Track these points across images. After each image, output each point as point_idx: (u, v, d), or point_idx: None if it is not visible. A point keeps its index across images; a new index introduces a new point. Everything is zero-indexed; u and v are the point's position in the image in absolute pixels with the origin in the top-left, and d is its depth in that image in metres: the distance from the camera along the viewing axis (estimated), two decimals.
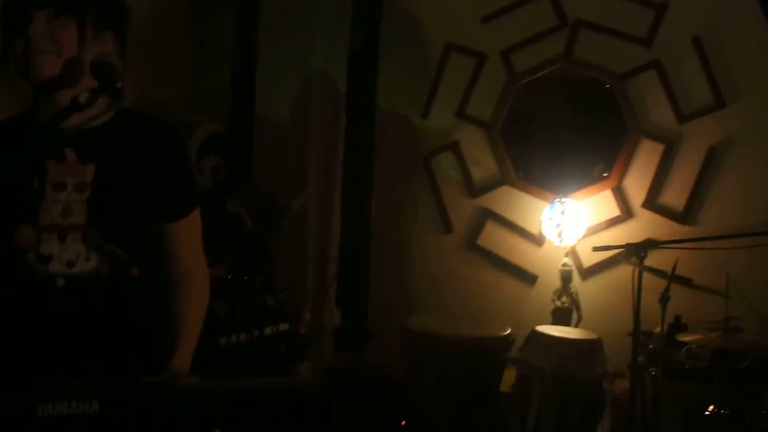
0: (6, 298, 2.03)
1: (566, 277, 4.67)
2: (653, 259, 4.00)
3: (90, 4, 2.03)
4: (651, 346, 4.04)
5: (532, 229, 4.96)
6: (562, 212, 4.64)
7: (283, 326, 4.61)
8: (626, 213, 4.76)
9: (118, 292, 2.06)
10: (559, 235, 4.65)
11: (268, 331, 4.45)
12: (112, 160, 2.05)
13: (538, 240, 4.94)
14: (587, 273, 4.82)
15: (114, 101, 2.04)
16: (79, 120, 1.96)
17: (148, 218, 2.12)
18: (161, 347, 2.21)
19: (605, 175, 4.81)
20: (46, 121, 2.02)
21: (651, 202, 4.71)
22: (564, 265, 4.68)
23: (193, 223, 2.26)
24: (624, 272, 4.50)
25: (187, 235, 2.24)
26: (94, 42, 2.03)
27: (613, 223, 4.78)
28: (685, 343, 3.81)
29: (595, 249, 4.28)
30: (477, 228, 5.11)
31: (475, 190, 5.14)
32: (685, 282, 3.91)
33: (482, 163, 5.14)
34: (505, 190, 5.07)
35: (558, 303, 4.66)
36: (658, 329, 3.96)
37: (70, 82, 2.00)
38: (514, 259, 5.02)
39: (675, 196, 4.66)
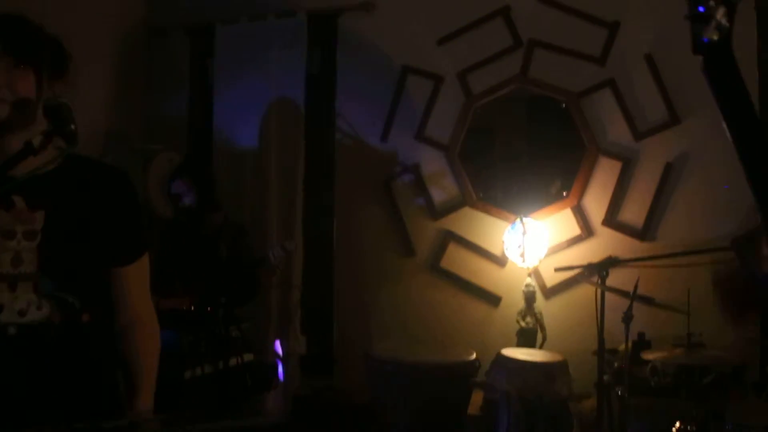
0: None
1: (530, 298, 4.68)
2: (616, 275, 4.04)
3: (47, 54, 2.01)
4: (616, 364, 4.06)
5: (495, 250, 4.97)
6: (524, 232, 4.65)
7: (248, 356, 4.56)
8: (587, 231, 4.79)
9: (70, 339, 2.03)
10: (522, 255, 4.67)
11: (232, 362, 4.40)
12: (61, 207, 2.04)
13: (500, 261, 4.95)
14: (550, 293, 4.84)
15: (68, 144, 2.01)
16: (32, 165, 1.94)
17: (98, 263, 2.11)
18: (117, 391, 2.21)
19: (564, 194, 4.84)
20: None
21: (611, 220, 4.74)
22: (527, 285, 4.70)
23: (142, 267, 2.25)
24: (587, 291, 4.52)
25: (137, 279, 2.24)
26: (48, 89, 2.02)
27: (574, 241, 4.81)
28: (649, 361, 3.84)
29: (557, 270, 4.31)
30: (439, 250, 5.11)
31: (436, 212, 5.14)
32: (647, 301, 3.94)
33: (442, 185, 5.15)
34: (466, 212, 5.08)
35: (522, 323, 4.67)
36: (622, 347, 3.99)
37: (21, 125, 1.97)
38: (478, 280, 5.02)
39: (634, 213, 4.71)
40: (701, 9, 1.10)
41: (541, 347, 4.61)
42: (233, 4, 5.62)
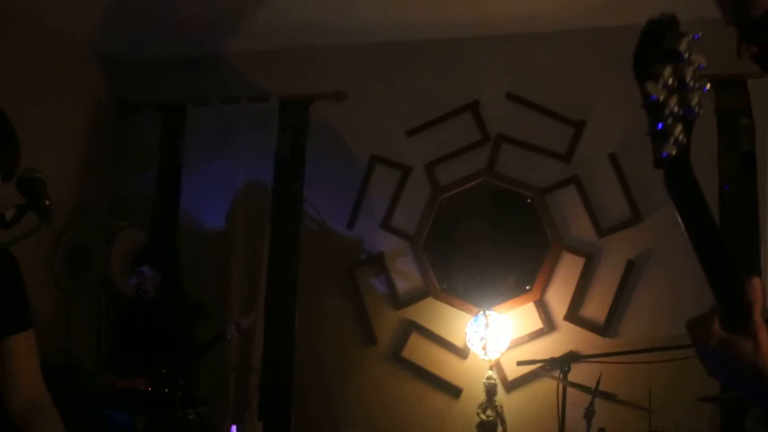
0: None
1: (491, 390, 4.66)
2: (578, 370, 4.05)
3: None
4: None
5: (457, 341, 4.96)
6: (486, 325, 4.66)
7: None
8: (549, 326, 4.81)
9: None
10: (484, 347, 4.66)
11: None
12: None
13: (462, 352, 4.94)
14: (512, 386, 4.82)
15: (41, 220, 2.00)
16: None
17: None
18: None
19: (528, 288, 4.87)
20: None
21: (573, 315, 4.77)
22: (488, 378, 4.68)
23: (31, 340, 2.21)
24: (548, 385, 4.53)
25: (28, 353, 2.19)
26: None
27: (536, 335, 4.82)
28: None
29: (519, 363, 4.30)
30: (401, 340, 5.09)
31: (399, 301, 5.14)
32: (609, 397, 3.94)
33: (407, 274, 5.16)
34: (430, 302, 5.08)
35: (483, 416, 4.64)
36: None
37: None
38: (439, 371, 4.99)
39: (596, 308, 4.75)
40: (660, 126, 1.17)
41: None
42: (206, 86, 5.68)
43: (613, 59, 4.80)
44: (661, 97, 1.17)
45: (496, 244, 5.07)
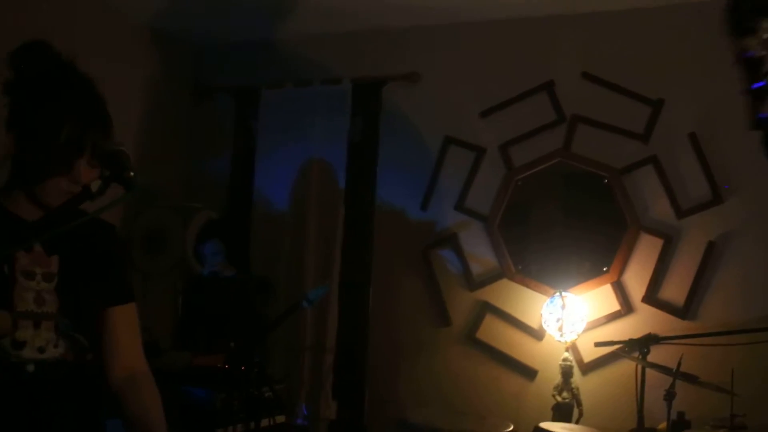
0: None
1: (567, 372, 4.62)
2: (654, 354, 3.98)
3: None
4: None
5: (532, 323, 4.93)
6: (563, 306, 4.61)
7: (280, 418, 4.54)
8: (626, 308, 4.74)
9: (78, 377, 2.16)
10: (560, 329, 4.62)
11: (264, 423, 4.37)
12: (70, 253, 2.17)
13: (537, 334, 4.90)
14: (588, 368, 4.77)
15: (126, 190, 2.04)
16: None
17: (98, 305, 2.23)
18: None
19: (605, 269, 4.81)
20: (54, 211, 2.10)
21: (651, 297, 4.70)
22: (564, 359, 4.64)
23: (133, 313, 2.33)
24: (625, 367, 4.48)
25: (130, 324, 2.31)
26: None
27: (613, 317, 4.76)
28: None
29: (597, 344, 4.25)
30: (476, 321, 5.07)
31: (473, 283, 5.12)
32: (691, 379, 3.87)
33: (480, 256, 5.14)
34: (504, 284, 5.05)
35: (559, 398, 4.60)
36: (662, 426, 3.92)
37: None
38: (514, 353, 4.97)
39: (675, 290, 4.66)
40: (758, 84, 1.07)
41: (577, 423, 4.54)
42: (280, 69, 5.73)
43: (691, 36, 4.73)
44: (760, 53, 1.08)
45: (572, 225, 5.00)
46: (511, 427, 4.25)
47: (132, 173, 2.00)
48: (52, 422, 2.11)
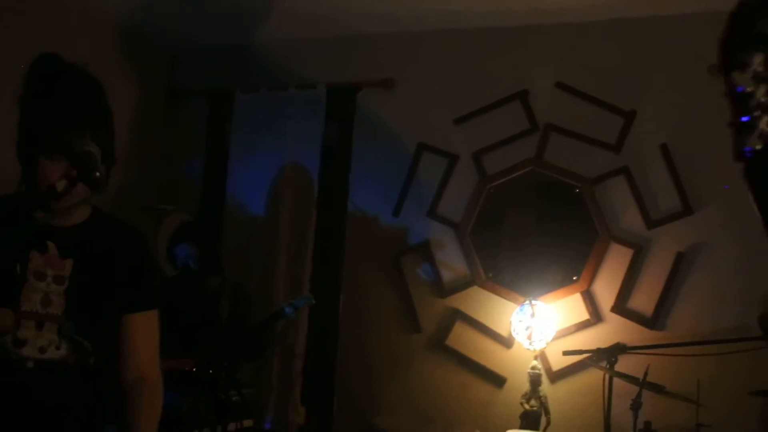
0: None
1: (535, 380, 4.63)
2: (622, 363, 4.00)
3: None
4: None
5: (502, 330, 4.93)
6: (532, 314, 4.62)
7: (247, 423, 4.52)
8: (595, 317, 4.76)
9: (79, 379, 2.16)
10: (529, 337, 4.63)
11: (231, 427, 4.35)
12: (87, 257, 2.19)
13: (507, 342, 4.91)
14: (556, 376, 4.79)
15: (93, 191, 2.06)
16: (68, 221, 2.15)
17: (112, 311, 2.23)
18: None
19: (574, 278, 4.83)
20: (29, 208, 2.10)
21: (620, 307, 4.72)
22: (533, 368, 4.65)
23: (150, 321, 2.34)
24: (593, 376, 4.49)
25: (143, 332, 2.32)
26: None
27: (582, 326, 4.78)
28: None
29: (566, 353, 4.26)
30: (446, 328, 5.07)
31: (444, 290, 5.12)
32: (657, 389, 3.89)
33: (452, 263, 5.15)
34: (475, 291, 5.06)
35: (527, 406, 4.61)
36: None
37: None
38: (483, 360, 4.97)
39: (644, 300, 4.69)
40: (745, 118, 1.08)
41: (545, 431, 4.54)
42: (254, 73, 5.71)
43: (664, 48, 4.77)
44: (749, 88, 1.08)
45: (543, 234, 5.03)
46: None
47: (98, 174, 1.99)
48: (50, 421, 2.13)
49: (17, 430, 2.10)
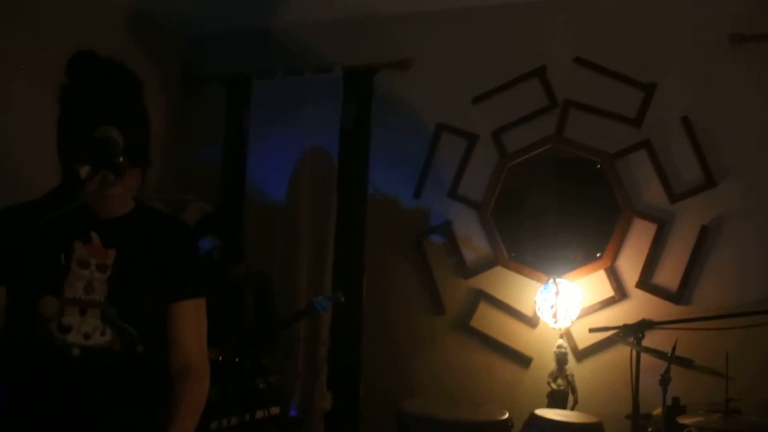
0: (25, 361, 2.18)
1: (561, 359, 4.61)
2: (650, 339, 3.96)
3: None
4: (650, 429, 3.97)
5: (526, 310, 4.91)
6: (557, 293, 4.59)
7: (274, 410, 4.53)
8: (620, 293, 4.73)
9: (126, 365, 2.20)
10: (554, 316, 4.60)
11: (259, 414, 4.36)
12: (130, 248, 2.26)
13: (532, 321, 4.89)
14: (582, 354, 4.76)
15: (116, 177, 2.06)
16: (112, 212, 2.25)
17: (158, 299, 2.28)
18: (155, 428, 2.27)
19: (598, 255, 4.79)
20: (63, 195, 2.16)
21: (645, 282, 4.68)
22: (559, 346, 4.62)
23: (198, 309, 2.37)
24: (619, 353, 4.47)
25: (191, 319, 2.34)
26: None
27: (607, 303, 4.75)
28: (685, 425, 3.74)
29: (592, 330, 4.22)
30: (470, 309, 5.06)
31: (467, 270, 5.10)
32: (686, 363, 3.84)
33: (475, 243, 5.12)
34: (498, 271, 5.03)
35: (554, 385, 4.59)
36: (657, 411, 3.91)
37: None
38: (508, 340, 4.96)
39: (669, 275, 4.65)
40: None
41: (572, 410, 4.52)
42: (270, 58, 5.69)
43: (682, 20, 4.70)
44: None
45: (565, 211, 4.97)
46: (507, 415, 4.23)
47: (121, 159, 2.02)
48: (97, 408, 2.17)
49: (65, 417, 2.14)
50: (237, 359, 4.28)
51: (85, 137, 2.03)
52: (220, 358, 4.31)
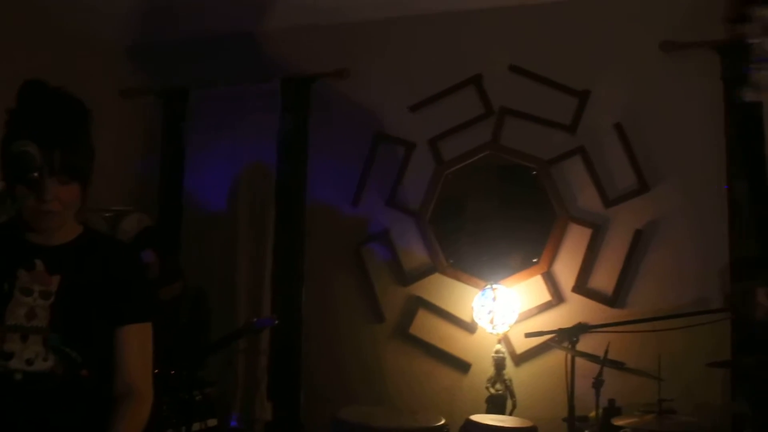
0: None
1: (499, 364, 4.63)
2: (585, 343, 4.02)
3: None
4: (587, 431, 4.01)
5: (465, 316, 4.93)
6: (494, 299, 4.63)
7: (212, 422, 4.48)
8: (557, 298, 4.77)
9: (70, 391, 2.16)
10: (491, 321, 4.63)
11: (196, 427, 4.31)
12: (75, 273, 2.23)
13: (470, 327, 4.91)
14: (520, 359, 4.79)
15: (31, 192, 2.05)
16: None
17: (103, 324, 2.24)
18: None
19: (535, 260, 4.83)
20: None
21: (581, 287, 4.73)
22: (497, 351, 4.65)
23: (143, 333, 2.33)
24: (556, 357, 4.50)
25: (137, 344, 2.31)
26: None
27: (544, 308, 4.79)
28: (620, 427, 3.79)
29: (528, 335, 4.26)
30: (409, 317, 5.07)
31: (406, 278, 5.11)
32: (618, 365, 3.90)
33: (413, 251, 5.13)
34: (437, 278, 5.05)
35: (492, 390, 4.61)
36: (593, 414, 3.94)
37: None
38: (447, 347, 4.97)
39: (604, 279, 4.70)
40: (747, 70, 1.07)
41: (510, 414, 4.55)
42: (208, 69, 5.65)
43: (616, 28, 4.77)
44: (754, 39, 1.07)
45: (502, 217, 5.02)
46: (443, 421, 4.22)
47: (36, 174, 1.99)
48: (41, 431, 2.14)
49: None
50: (172, 371, 4.23)
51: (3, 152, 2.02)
52: (156, 370, 4.25)
